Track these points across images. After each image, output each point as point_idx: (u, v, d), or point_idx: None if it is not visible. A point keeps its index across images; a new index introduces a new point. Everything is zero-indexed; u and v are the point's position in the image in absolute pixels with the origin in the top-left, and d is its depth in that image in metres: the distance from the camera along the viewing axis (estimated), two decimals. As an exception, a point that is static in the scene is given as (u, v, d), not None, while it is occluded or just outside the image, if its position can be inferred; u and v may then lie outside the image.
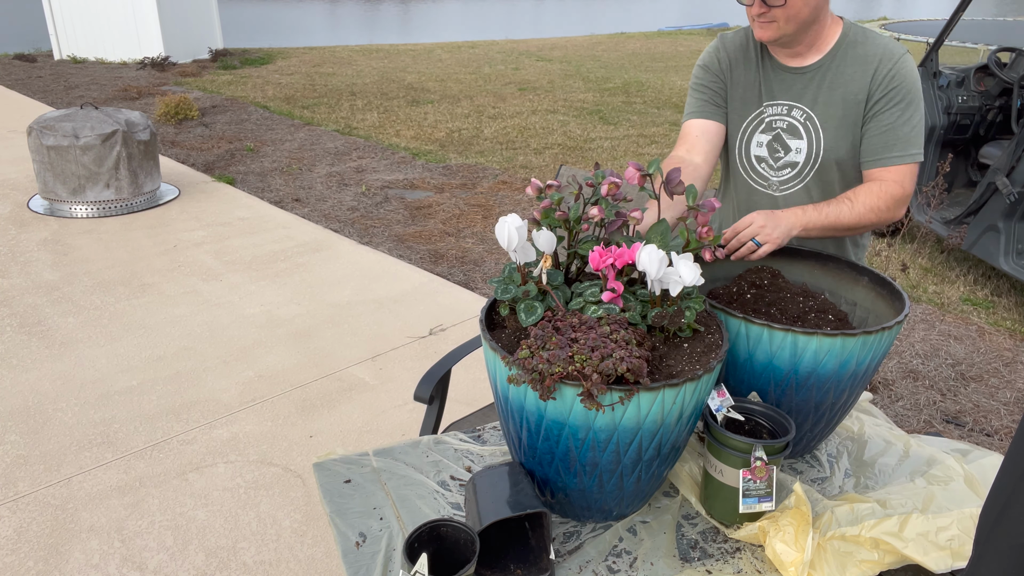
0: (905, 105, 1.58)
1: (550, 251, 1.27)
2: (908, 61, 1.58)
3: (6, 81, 9.97)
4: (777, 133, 1.68)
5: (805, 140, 1.66)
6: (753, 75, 1.69)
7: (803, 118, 1.65)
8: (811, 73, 1.63)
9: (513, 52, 14.33)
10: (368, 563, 1.18)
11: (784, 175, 1.71)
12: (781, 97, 1.66)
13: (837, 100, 1.61)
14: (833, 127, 1.63)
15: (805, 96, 1.64)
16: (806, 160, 1.67)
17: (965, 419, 3.01)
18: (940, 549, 1.14)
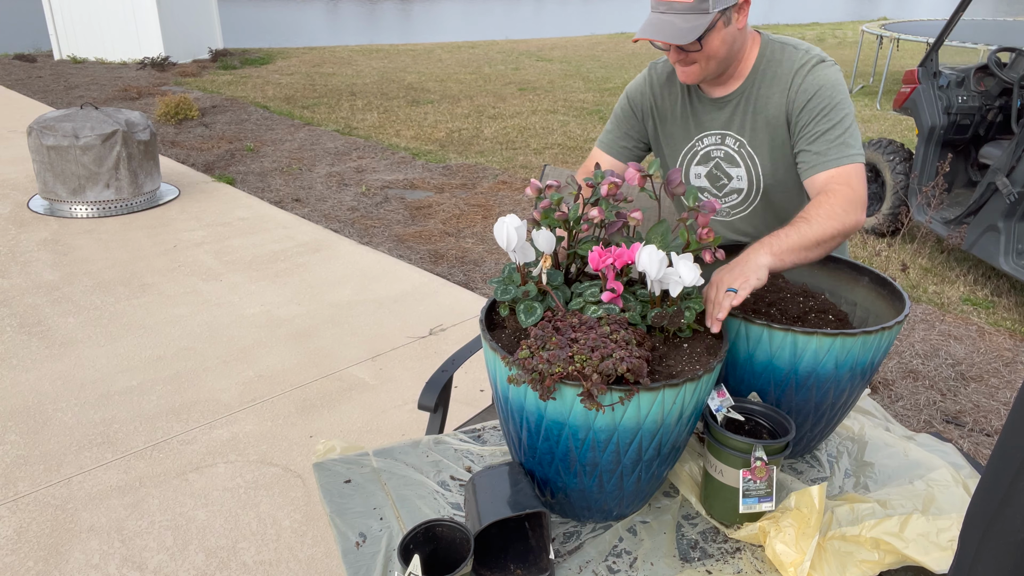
0: (828, 111, 1.51)
1: (550, 251, 1.27)
2: (821, 68, 1.52)
3: (6, 81, 9.97)
4: (716, 162, 1.67)
5: (743, 167, 1.64)
6: (681, 107, 1.68)
7: (736, 146, 1.64)
8: (734, 101, 1.61)
9: (513, 52, 14.33)
10: (368, 563, 1.18)
11: (732, 200, 1.70)
12: (712, 127, 1.65)
13: (761, 125, 1.59)
14: (766, 152, 1.61)
15: (732, 124, 1.63)
16: (749, 186, 1.66)
17: (965, 419, 3.01)
18: (941, 549, 1.14)
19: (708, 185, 1.70)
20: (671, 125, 1.69)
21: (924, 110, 4.43)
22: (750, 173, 1.64)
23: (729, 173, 1.67)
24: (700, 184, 1.71)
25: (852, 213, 1.45)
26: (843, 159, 1.49)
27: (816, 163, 1.51)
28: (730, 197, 1.70)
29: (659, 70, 1.70)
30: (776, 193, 1.65)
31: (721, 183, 1.69)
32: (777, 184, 1.64)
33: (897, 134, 7.87)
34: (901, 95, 4.66)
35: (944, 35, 4.51)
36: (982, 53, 8.65)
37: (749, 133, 1.61)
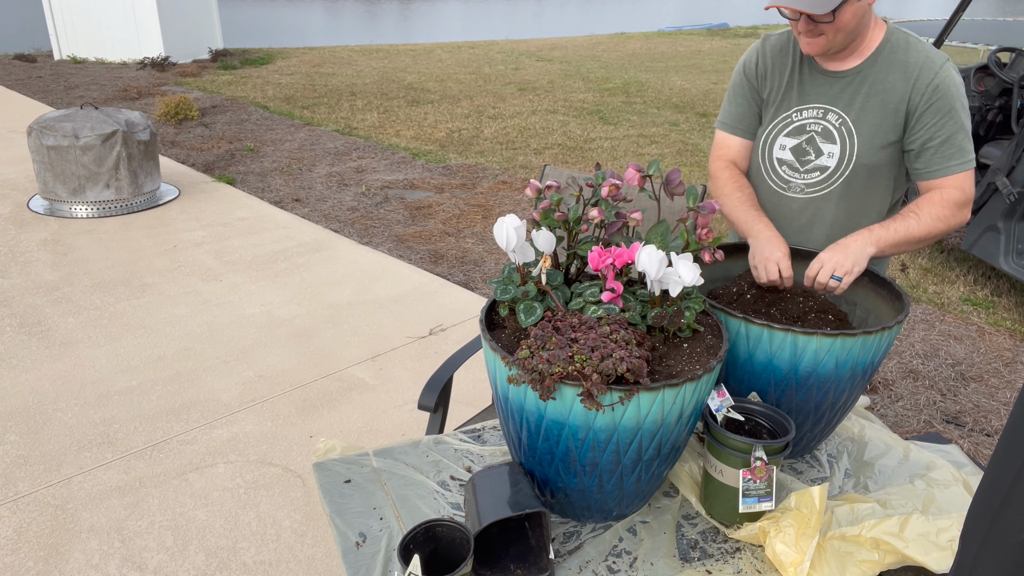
0: (953, 114, 1.56)
1: (549, 251, 1.27)
2: (950, 68, 1.56)
3: (6, 81, 9.97)
4: (811, 136, 1.66)
5: (839, 145, 1.63)
6: (787, 78, 1.68)
7: (838, 122, 1.63)
8: (850, 77, 1.61)
9: (513, 52, 14.33)
10: (368, 563, 1.18)
11: (812, 178, 1.69)
12: (816, 101, 1.65)
13: (875, 107, 1.59)
14: (869, 133, 1.61)
15: (841, 100, 1.62)
16: (838, 165, 1.65)
17: (965, 419, 3.01)
18: (941, 550, 1.14)
19: (791, 158, 1.69)
20: (772, 92, 1.70)
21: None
22: (844, 151, 1.64)
23: (821, 148, 1.66)
24: (782, 156, 1.70)
25: (958, 216, 1.58)
26: (964, 164, 1.58)
27: (940, 167, 1.58)
28: (812, 174, 1.68)
29: (772, 41, 1.72)
30: (861, 177, 1.65)
31: (807, 158, 1.68)
32: (867, 168, 1.64)
33: (897, 134, 7.87)
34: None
35: (944, 35, 4.51)
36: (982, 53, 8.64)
37: (857, 112, 1.61)
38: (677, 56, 14.09)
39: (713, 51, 14.87)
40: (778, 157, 1.71)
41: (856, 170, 1.64)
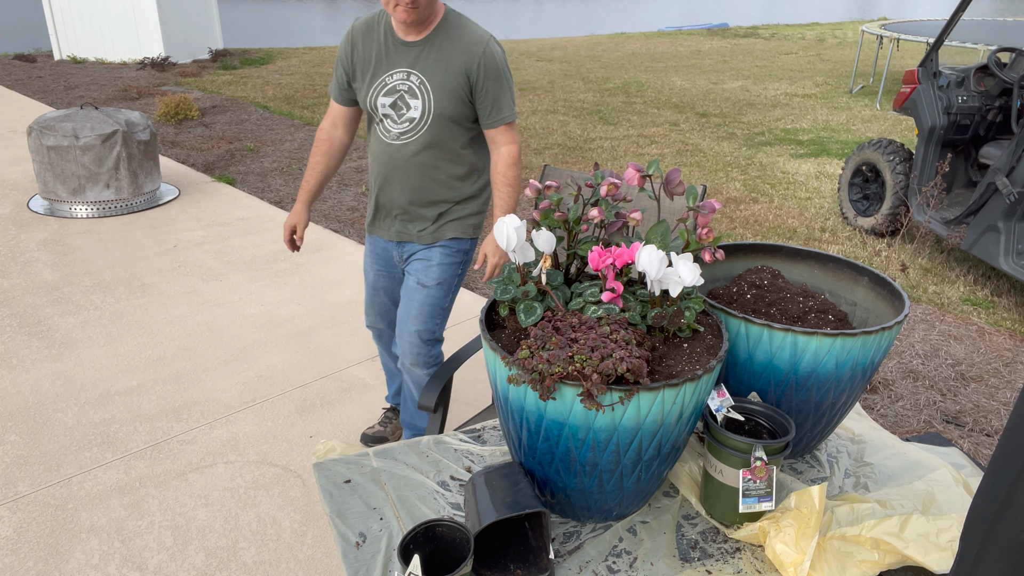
0: (497, 78, 2.05)
1: (549, 251, 1.27)
2: (493, 44, 2.05)
3: (6, 81, 9.97)
4: (401, 95, 2.07)
5: (420, 100, 2.05)
6: (377, 49, 2.07)
7: (418, 83, 2.04)
8: (420, 46, 2.03)
9: (513, 52, 14.33)
10: (368, 563, 1.18)
11: (404, 127, 2.10)
12: (400, 65, 2.05)
13: (441, 69, 2.02)
14: (440, 90, 2.03)
15: (417, 64, 2.03)
16: (421, 115, 2.07)
17: (965, 419, 3.01)
18: (941, 550, 1.14)
19: (391, 112, 2.10)
20: (366, 62, 2.09)
21: (924, 110, 4.43)
22: (424, 105, 2.06)
23: (409, 104, 2.07)
24: (385, 112, 2.10)
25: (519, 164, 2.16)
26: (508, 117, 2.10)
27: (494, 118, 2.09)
28: (403, 124, 2.10)
29: (359, 23, 2.14)
30: (439, 125, 2.08)
31: (401, 112, 2.09)
32: (442, 118, 2.06)
33: (897, 134, 7.87)
34: (901, 95, 4.66)
35: (944, 35, 4.51)
36: (982, 53, 8.65)
37: (429, 73, 2.03)
38: (677, 56, 14.09)
39: (713, 51, 14.87)
40: (382, 113, 2.11)
41: (435, 119, 2.06)
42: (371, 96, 2.10)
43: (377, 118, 2.15)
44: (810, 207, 5.58)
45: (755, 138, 7.74)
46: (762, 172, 6.50)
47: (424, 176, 2.17)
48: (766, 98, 9.86)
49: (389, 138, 2.13)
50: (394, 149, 2.14)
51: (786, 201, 5.71)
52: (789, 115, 8.84)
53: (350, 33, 2.12)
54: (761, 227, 5.15)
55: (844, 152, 7.15)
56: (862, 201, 5.08)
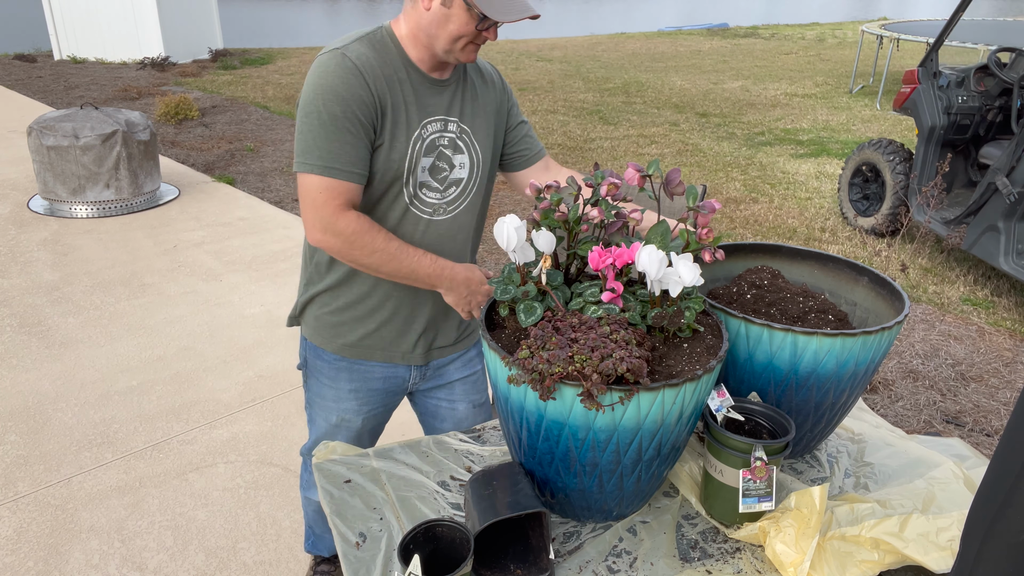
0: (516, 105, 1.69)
1: (550, 251, 1.27)
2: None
3: (6, 81, 9.97)
4: (439, 151, 1.52)
5: (467, 154, 1.56)
6: (403, 92, 1.46)
7: (458, 131, 1.54)
8: (452, 84, 1.53)
9: (513, 52, 14.33)
10: (368, 563, 1.18)
11: (451, 195, 1.56)
12: (435, 112, 1.50)
13: (480, 110, 1.57)
14: (483, 137, 1.58)
15: (454, 108, 1.53)
16: (470, 174, 1.57)
17: (965, 419, 3.01)
18: (940, 549, 1.14)
19: (430, 178, 1.52)
20: (394, 112, 1.45)
21: (924, 110, 4.43)
22: (472, 160, 1.57)
23: (453, 161, 1.54)
24: (424, 179, 1.51)
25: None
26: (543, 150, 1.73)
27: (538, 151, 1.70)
28: (449, 191, 1.56)
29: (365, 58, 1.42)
30: (485, 182, 1.63)
31: (443, 174, 1.54)
32: (489, 172, 1.63)
33: (897, 134, 7.87)
34: (901, 95, 4.66)
35: (944, 35, 4.51)
36: (982, 53, 8.65)
37: (469, 118, 1.56)
38: (677, 56, 14.09)
39: (713, 51, 14.87)
40: (421, 181, 1.51)
41: (482, 177, 1.61)
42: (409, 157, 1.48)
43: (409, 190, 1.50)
44: (810, 207, 5.58)
45: (755, 138, 7.74)
46: (762, 172, 6.50)
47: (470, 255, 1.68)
48: (766, 98, 9.86)
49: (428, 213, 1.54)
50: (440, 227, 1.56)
51: (786, 201, 5.71)
52: (789, 115, 8.84)
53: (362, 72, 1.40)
54: (761, 227, 5.15)
55: (844, 152, 7.15)
56: (862, 201, 5.08)
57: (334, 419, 1.71)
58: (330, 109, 1.37)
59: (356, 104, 1.38)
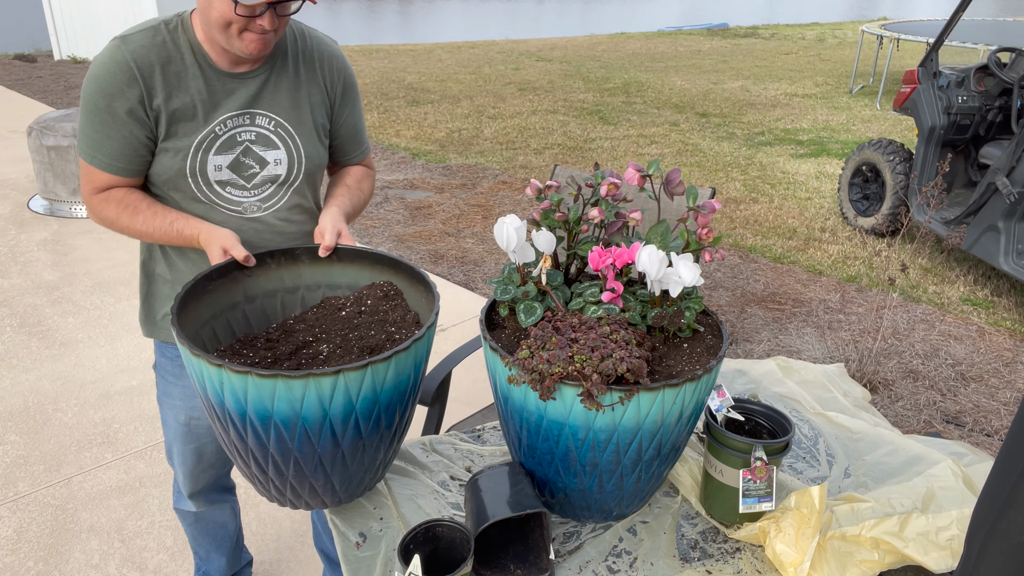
0: (355, 100, 1.60)
1: (549, 252, 1.27)
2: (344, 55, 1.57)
3: (6, 81, 9.97)
4: (245, 147, 1.44)
5: (283, 149, 1.47)
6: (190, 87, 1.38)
7: (271, 125, 1.46)
8: (263, 74, 1.43)
9: (513, 52, 14.33)
10: (368, 563, 1.18)
11: (265, 191, 1.49)
12: (234, 107, 1.41)
13: (303, 101, 1.48)
14: (307, 130, 1.50)
15: (263, 100, 1.44)
16: (289, 170, 1.49)
17: (965, 419, 3.01)
18: (940, 549, 1.14)
19: (232, 176, 1.44)
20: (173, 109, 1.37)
21: (924, 110, 4.43)
22: (291, 154, 1.48)
23: (264, 158, 1.46)
24: (221, 177, 1.43)
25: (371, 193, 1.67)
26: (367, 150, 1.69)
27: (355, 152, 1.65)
28: (264, 188, 1.48)
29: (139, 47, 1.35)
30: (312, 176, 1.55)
31: (252, 171, 1.45)
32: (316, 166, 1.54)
33: (897, 134, 7.87)
34: (901, 95, 4.66)
35: (944, 35, 4.51)
36: (982, 53, 8.65)
37: (288, 111, 1.46)
38: (677, 56, 14.09)
39: (713, 51, 14.87)
40: (216, 180, 1.44)
41: (308, 170, 1.53)
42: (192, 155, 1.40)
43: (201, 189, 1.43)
44: (810, 207, 5.58)
45: (755, 138, 7.74)
46: (762, 172, 6.50)
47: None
48: (766, 98, 9.86)
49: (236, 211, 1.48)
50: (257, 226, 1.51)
51: (786, 201, 5.71)
52: (789, 115, 8.84)
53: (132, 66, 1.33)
54: (761, 227, 5.16)
55: (844, 152, 7.15)
56: (862, 201, 5.08)
57: (183, 418, 1.65)
58: (94, 100, 1.35)
59: (119, 100, 1.34)
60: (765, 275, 4.37)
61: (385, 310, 1.36)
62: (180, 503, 1.82)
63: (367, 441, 1.14)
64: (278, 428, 1.07)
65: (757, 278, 4.33)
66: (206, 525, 1.86)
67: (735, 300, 4.04)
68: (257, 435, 1.09)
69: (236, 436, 1.11)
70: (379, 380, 1.08)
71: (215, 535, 1.89)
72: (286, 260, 1.41)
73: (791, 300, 4.05)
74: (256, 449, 1.11)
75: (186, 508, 1.81)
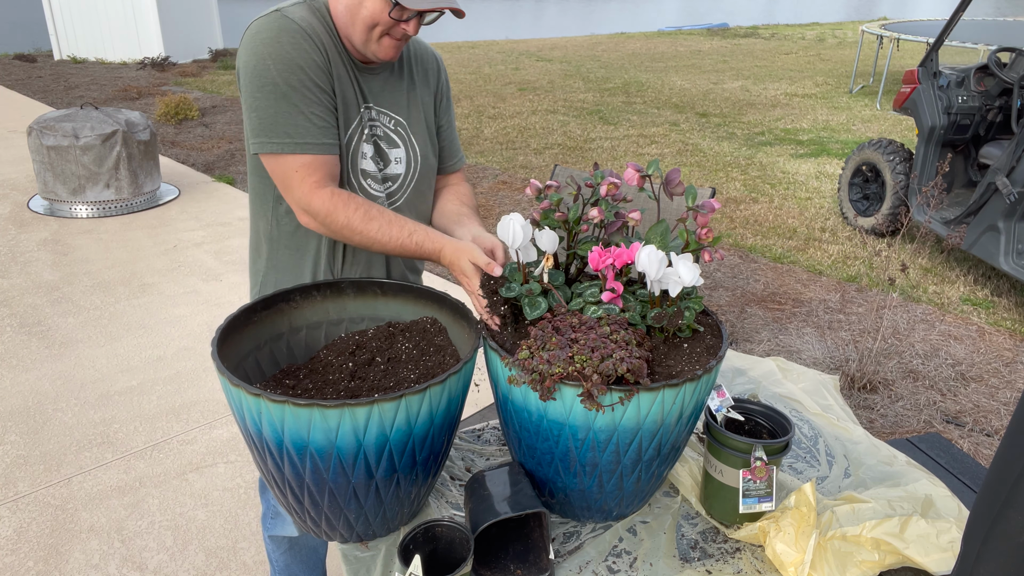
0: (452, 105, 1.57)
1: (552, 251, 1.27)
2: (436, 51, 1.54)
3: (6, 81, 9.97)
4: (375, 142, 1.42)
5: (403, 148, 1.45)
6: (344, 71, 1.36)
7: (392, 124, 1.44)
8: (385, 72, 1.43)
9: (513, 52, 14.33)
10: (368, 563, 1.18)
11: (390, 188, 1.47)
12: (372, 99, 1.41)
13: (417, 102, 1.47)
14: (420, 131, 1.48)
15: (385, 97, 1.42)
16: (407, 168, 1.47)
17: (965, 419, 3.01)
18: (941, 550, 1.14)
19: (373, 168, 1.42)
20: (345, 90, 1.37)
21: (924, 110, 4.43)
22: (408, 154, 1.47)
23: (388, 156, 1.44)
24: (366, 167, 1.41)
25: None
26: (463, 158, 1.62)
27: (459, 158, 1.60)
28: (387, 184, 1.46)
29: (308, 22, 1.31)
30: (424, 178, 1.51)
31: (379, 166, 1.44)
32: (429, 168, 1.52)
33: (897, 134, 7.87)
34: (901, 95, 4.66)
35: (944, 35, 4.51)
36: (982, 53, 8.64)
37: (405, 109, 1.45)
38: (677, 56, 14.09)
39: (713, 51, 14.87)
40: (362, 168, 1.41)
41: (421, 172, 1.50)
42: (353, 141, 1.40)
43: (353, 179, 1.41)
44: (810, 207, 5.58)
45: (755, 138, 7.74)
46: (762, 172, 6.50)
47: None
48: (766, 98, 9.86)
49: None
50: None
51: (786, 201, 5.71)
52: (789, 115, 8.84)
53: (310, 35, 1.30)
54: (761, 227, 5.16)
55: (844, 152, 7.15)
56: (862, 201, 5.08)
57: None
58: (287, 79, 1.26)
59: (313, 70, 1.28)
60: (765, 275, 4.37)
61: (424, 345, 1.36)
62: (278, 529, 1.71)
63: (401, 474, 1.15)
64: (314, 458, 1.08)
65: (757, 278, 4.33)
66: (300, 551, 1.79)
67: (735, 300, 4.04)
68: (293, 464, 1.10)
69: (273, 465, 1.12)
70: (412, 412, 1.09)
71: (308, 560, 1.82)
72: (331, 293, 1.41)
73: (791, 300, 4.05)
74: (292, 479, 1.12)
75: (285, 533, 1.71)
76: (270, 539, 1.77)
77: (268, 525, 1.74)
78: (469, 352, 1.20)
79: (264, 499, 1.74)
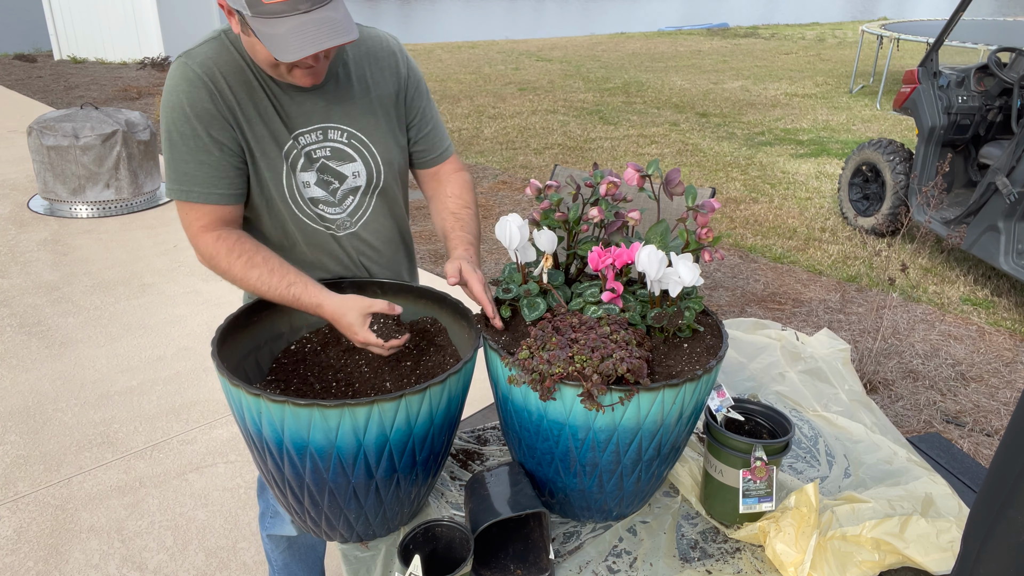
0: (427, 91, 1.52)
1: (551, 251, 1.27)
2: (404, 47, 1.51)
3: (6, 81, 9.97)
4: (322, 163, 1.38)
5: (360, 161, 1.42)
6: (263, 104, 1.33)
7: (344, 138, 1.40)
8: (329, 86, 1.37)
9: (513, 52, 14.33)
10: (368, 563, 1.18)
11: (349, 206, 1.44)
12: (308, 122, 1.36)
13: (373, 107, 1.42)
14: (381, 136, 1.44)
15: (333, 113, 1.38)
16: (368, 181, 1.44)
17: (965, 419, 3.01)
18: (941, 551, 1.14)
19: (322, 193, 1.40)
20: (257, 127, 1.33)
21: (924, 110, 4.43)
22: (368, 165, 1.43)
23: (342, 172, 1.40)
24: (314, 194, 1.39)
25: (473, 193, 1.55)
26: (450, 146, 1.57)
27: (441, 150, 1.54)
28: (347, 201, 1.43)
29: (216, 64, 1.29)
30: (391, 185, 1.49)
31: (333, 187, 1.41)
32: (395, 172, 1.49)
33: (897, 134, 7.87)
34: (901, 95, 4.66)
35: (944, 35, 4.51)
36: (982, 53, 8.64)
37: (359, 119, 1.41)
38: (677, 56, 14.09)
39: (713, 51, 14.87)
40: (310, 197, 1.39)
41: (388, 178, 1.47)
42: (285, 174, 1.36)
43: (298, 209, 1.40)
44: (810, 207, 5.58)
45: (755, 138, 7.74)
46: (762, 172, 6.50)
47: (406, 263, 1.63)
48: (766, 98, 9.86)
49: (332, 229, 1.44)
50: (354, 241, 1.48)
51: (786, 201, 5.71)
52: (789, 115, 8.84)
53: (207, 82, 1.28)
54: (761, 227, 5.16)
55: (844, 152, 7.15)
56: (862, 201, 5.08)
57: None
58: (179, 128, 1.28)
59: (204, 119, 1.27)
60: (765, 275, 4.37)
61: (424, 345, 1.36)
62: (276, 528, 1.71)
63: (401, 474, 1.15)
64: (313, 458, 1.08)
65: (757, 278, 4.33)
66: (299, 549, 1.78)
67: (735, 300, 4.04)
68: (293, 464, 1.10)
69: (273, 465, 1.12)
70: (412, 412, 1.09)
71: (306, 558, 1.82)
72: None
73: (791, 300, 4.05)
74: (292, 479, 1.12)
75: (283, 533, 1.71)
76: (268, 538, 1.78)
77: (266, 524, 1.74)
78: (469, 352, 1.20)
79: (262, 499, 1.74)
